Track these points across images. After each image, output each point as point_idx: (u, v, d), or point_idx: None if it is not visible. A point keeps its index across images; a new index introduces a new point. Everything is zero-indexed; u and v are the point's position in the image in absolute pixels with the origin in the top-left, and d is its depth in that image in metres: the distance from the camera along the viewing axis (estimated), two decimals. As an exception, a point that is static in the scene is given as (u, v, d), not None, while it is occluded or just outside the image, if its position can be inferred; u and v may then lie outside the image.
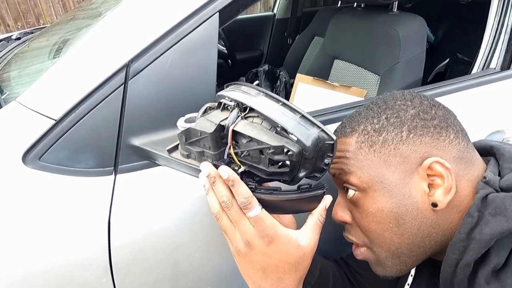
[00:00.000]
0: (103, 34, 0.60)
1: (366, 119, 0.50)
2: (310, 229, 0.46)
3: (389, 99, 0.51)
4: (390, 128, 0.47)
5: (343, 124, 0.53)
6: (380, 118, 0.48)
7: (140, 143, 0.56)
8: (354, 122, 0.51)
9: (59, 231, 0.52)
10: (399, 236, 0.46)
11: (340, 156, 0.50)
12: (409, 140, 0.46)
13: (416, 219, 0.45)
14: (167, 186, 0.57)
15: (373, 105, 0.51)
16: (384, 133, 0.47)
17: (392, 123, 0.47)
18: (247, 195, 0.43)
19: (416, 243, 0.46)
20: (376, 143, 0.47)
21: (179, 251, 0.59)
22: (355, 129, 0.50)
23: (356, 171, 0.48)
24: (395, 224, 0.46)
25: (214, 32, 0.59)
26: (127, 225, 0.55)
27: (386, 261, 0.49)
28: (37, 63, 0.78)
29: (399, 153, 0.46)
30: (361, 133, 0.49)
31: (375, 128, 0.48)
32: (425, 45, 1.17)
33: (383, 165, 0.46)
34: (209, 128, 0.46)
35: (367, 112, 0.51)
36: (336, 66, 1.39)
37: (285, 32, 2.17)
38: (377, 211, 0.46)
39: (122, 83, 0.55)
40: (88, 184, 0.54)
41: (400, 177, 0.46)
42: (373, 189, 0.47)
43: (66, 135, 0.53)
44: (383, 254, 0.48)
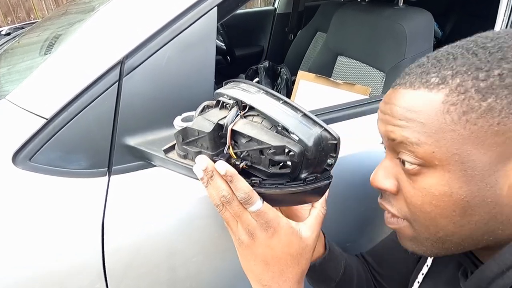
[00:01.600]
0: (97, 30, 0.60)
1: (468, 69, 0.35)
2: (312, 221, 0.47)
3: (506, 44, 0.35)
4: (503, 93, 0.34)
5: (426, 67, 0.38)
6: (490, 74, 0.34)
7: (135, 143, 0.56)
8: (445, 68, 0.37)
9: (50, 235, 0.52)
10: (458, 227, 0.38)
11: (411, 118, 0.37)
12: None
13: (490, 213, 0.36)
14: (163, 188, 0.57)
15: (481, 49, 0.36)
16: (491, 99, 0.34)
17: (507, 85, 0.34)
18: (247, 190, 0.43)
19: (474, 236, 0.38)
20: (474, 110, 0.34)
21: (176, 255, 0.59)
22: (446, 81, 0.36)
23: (430, 143, 0.36)
24: (460, 213, 0.37)
25: (212, 27, 0.59)
26: (122, 228, 0.55)
27: (425, 242, 0.41)
28: (27, 59, 0.78)
29: (503, 131, 0.34)
30: (454, 90, 0.35)
31: (478, 88, 0.34)
32: (432, 41, 1.17)
33: (474, 142, 0.35)
34: (207, 128, 0.46)
35: (469, 57, 0.36)
36: (340, 62, 1.39)
37: (286, 27, 2.17)
38: (441, 195, 0.37)
39: (116, 81, 0.55)
40: (80, 185, 0.54)
41: (492, 161, 0.35)
42: (447, 169, 0.36)
43: (58, 135, 0.53)
44: (425, 234, 0.41)
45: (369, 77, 1.25)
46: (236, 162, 0.45)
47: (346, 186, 0.68)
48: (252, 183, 0.44)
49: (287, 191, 0.45)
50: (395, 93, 0.41)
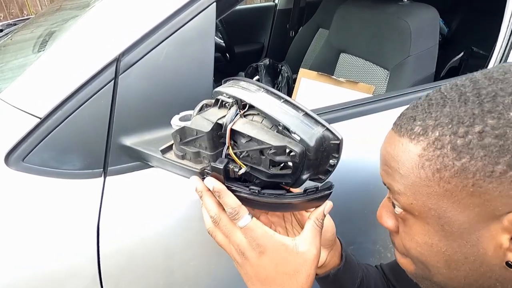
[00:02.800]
0: (92, 26, 0.60)
1: (450, 122, 0.34)
2: (308, 235, 0.46)
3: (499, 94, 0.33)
4: (479, 153, 0.32)
5: (414, 114, 0.38)
6: (470, 130, 0.32)
7: (132, 143, 0.56)
8: (430, 117, 0.36)
9: (44, 238, 0.52)
10: (447, 278, 0.38)
11: (392, 166, 0.38)
12: (504, 179, 0.31)
13: (477, 271, 0.36)
14: (161, 189, 0.57)
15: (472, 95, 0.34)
16: (466, 158, 0.32)
17: (485, 146, 0.32)
18: (234, 205, 0.44)
19: None
20: (447, 169, 0.34)
21: (173, 258, 0.59)
22: (427, 132, 0.35)
23: (408, 194, 0.37)
24: (444, 266, 0.37)
25: (211, 24, 0.59)
26: (118, 230, 0.55)
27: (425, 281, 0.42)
28: (20, 57, 0.78)
29: (479, 192, 0.33)
30: (431, 144, 0.35)
31: (455, 145, 0.33)
32: (437, 38, 1.17)
33: (448, 200, 0.34)
34: (206, 127, 0.46)
35: (457, 106, 0.34)
36: (342, 60, 1.39)
37: (287, 23, 2.18)
38: (423, 244, 0.38)
39: (112, 79, 0.55)
40: (75, 187, 0.54)
41: (470, 221, 0.34)
42: (426, 221, 0.37)
43: (51, 135, 0.53)
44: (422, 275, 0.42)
45: (372, 75, 1.25)
46: (235, 169, 0.45)
47: (349, 187, 0.68)
48: (250, 192, 0.45)
49: (286, 201, 0.45)
50: (389, 134, 0.41)
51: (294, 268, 0.45)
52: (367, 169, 0.70)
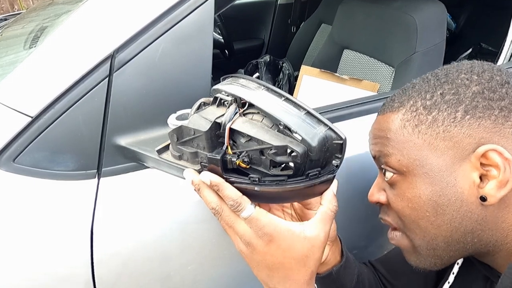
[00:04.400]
0: (85, 21, 0.60)
1: (418, 94, 0.48)
2: (318, 220, 0.47)
3: (452, 71, 0.48)
4: (443, 106, 0.45)
5: (392, 97, 0.52)
6: (434, 94, 0.47)
7: (127, 143, 0.56)
8: (404, 95, 0.50)
9: (35, 241, 0.52)
10: (435, 227, 0.46)
11: (381, 136, 0.50)
12: (464, 122, 0.44)
13: (459, 211, 0.44)
14: (157, 191, 0.57)
15: (432, 77, 0.49)
16: (435, 112, 0.45)
17: (447, 101, 0.45)
18: (235, 197, 0.44)
19: (455, 237, 0.46)
20: (423, 123, 0.46)
21: (170, 263, 0.59)
22: (404, 104, 0.49)
23: (396, 153, 0.48)
24: (433, 213, 0.45)
25: (209, 19, 0.60)
26: (112, 234, 0.55)
27: (420, 251, 0.49)
28: (11, 53, 0.78)
29: (449, 136, 0.44)
30: (408, 110, 0.48)
31: (425, 105, 0.46)
32: (445, 34, 1.17)
33: (427, 148, 0.45)
34: (204, 126, 0.46)
35: (422, 84, 0.49)
36: (346, 57, 1.39)
37: (289, 19, 2.18)
38: (413, 197, 0.46)
39: (106, 76, 0.55)
40: (68, 188, 0.54)
41: (447, 163, 0.44)
42: (413, 173, 0.46)
43: (43, 134, 0.53)
44: (417, 241, 0.49)
45: (377, 72, 1.25)
46: (232, 158, 0.45)
47: (353, 188, 0.68)
48: (251, 181, 0.44)
49: (288, 188, 0.45)
50: (375, 120, 0.54)
51: (302, 253, 0.46)
52: (370, 170, 0.70)
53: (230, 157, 0.45)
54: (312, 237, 0.46)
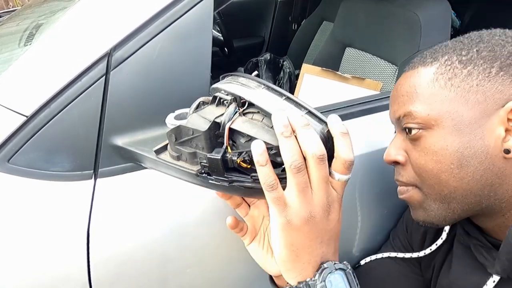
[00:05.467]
0: (81, 18, 0.60)
1: (453, 50, 0.50)
2: None
3: (485, 34, 0.51)
4: (479, 62, 0.48)
5: (424, 54, 0.54)
6: (470, 50, 0.49)
7: (124, 143, 0.56)
8: (438, 52, 0.52)
9: (30, 243, 0.52)
10: (457, 180, 0.48)
11: (410, 92, 0.52)
12: (498, 78, 0.47)
13: (483, 164, 0.47)
14: (155, 192, 0.57)
15: (465, 38, 0.52)
16: (470, 66, 0.48)
17: (483, 57, 0.48)
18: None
19: (474, 190, 0.48)
20: (457, 76, 0.48)
21: (168, 265, 0.59)
22: (437, 59, 0.51)
23: (425, 107, 0.50)
24: (457, 165, 0.48)
25: (209, 16, 0.60)
26: (109, 236, 0.55)
27: (433, 204, 0.52)
28: (5, 51, 0.78)
29: (482, 90, 0.47)
30: (442, 64, 0.50)
31: (461, 60, 0.49)
32: (449, 31, 1.17)
33: (459, 101, 0.48)
34: (203, 126, 0.46)
35: (456, 44, 0.51)
36: (348, 55, 1.39)
37: (290, 16, 2.18)
38: (440, 149, 0.49)
39: (103, 74, 0.55)
40: (64, 189, 0.54)
41: (476, 116, 0.47)
42: (442, 126, 0.49)
43: (39, 134, 0.53)
44: (432, 196, 0.51)
45: (380, 71, 1.25)
46: (233, 157, 0.45)
47: (354, 188, 0.68)
48: (253, 180, 0.44)
49: None
50: (401, 77, 0.56)
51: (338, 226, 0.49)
52: (374, 170, 0.70)
53: (230, 156, 0.45)
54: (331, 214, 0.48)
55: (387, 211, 0.73)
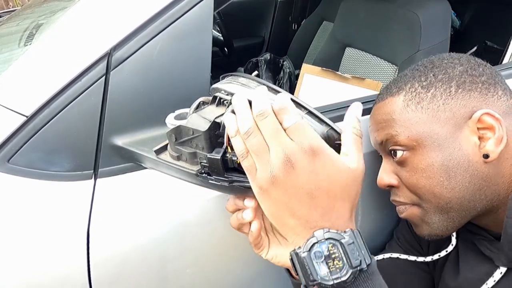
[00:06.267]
0: (81, 18, 0.60)
1: (413, 78, 0.56)
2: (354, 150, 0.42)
3: (435, 60, 0.58)
4: (438, 84, 0.54)
5: (389, 85, 0.60)
6: (428, 76, 0.55)
7: (124, 143, 0.56)
8: (400, 82, 0.58)
9: (30, 243, 0.52)
10: (449, 191, 0.52)
11: (386, 119, 0.56)
12: (458, 95, 0.53)
13: (468, 171, 0.51)
14: (155, 192, 0.57)
15: (419, 66, 0.58)
16: (432, 89, 0.54)
17: (440, 79, 0.54)
18: (286, 100, 0.40)
19: (466, 197, 0.52)
20: (424, 100, 0.54)
21: (168, 266, 0.59)
22: (402, 88, 0.56)
23: (404, 130, 0.54)
24: (446, 177, 0.52)
25: (208, 16, 0.60)
26: (109, 236, 0.55)
27: (434, 217, 0.55)
28: (5, 51, 0.78)
29: (449, 108, 0.53)
30: (408, 91, 0.56)
31: (422, 85, 0.55)
32: (449, 31, 1.17)
33: (431, 120, 0.53)
34: (203, 126, 0.46)
35: (413, 72, 0.58)
36: (348, 55, 1.39)
37: (290, 16, 2.18)
38: (427, 167, 0.53)
39: (103, 74, 0.55)
40: (64, 189, 0.54)
41: (450, 131, 0.52)
42: (423, 145, 0.53)
43: (39, 134, 0.53)
44: (431, 209, 0.54)
45: (380, 71, 1.26)
46: (233, 157, 0.45)
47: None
48: None
49: None
50: (374, 109, 0.61)
51: (346, 182, 0.41)
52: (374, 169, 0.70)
53: (230, 156, 0.45)
54: (355, 169, 0.41)
55: (387, 210, 0.73)
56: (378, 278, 0.41)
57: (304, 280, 0.40)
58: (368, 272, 0.39)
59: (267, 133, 0.40)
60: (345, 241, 0.39)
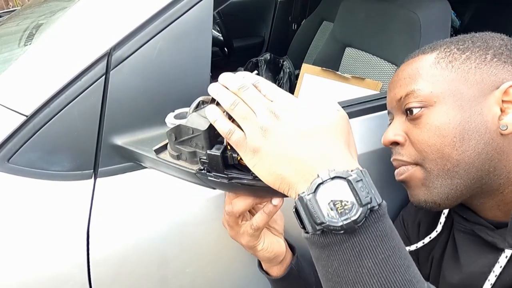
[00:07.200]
0: (81, 18, 0.60)
1: (451, 42, 0.57)
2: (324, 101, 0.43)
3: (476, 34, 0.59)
4: (475, 50, 0.55)
5: (423, 47, 0.61)
6: (466, 41, 0.56)
7: (124, 143, 0.56)
8: (436, 44, 0.59)
9: (30, 243, 0.52)
10: (460, 153, 0.51)
11: (412, 74, 0.57)
12: (492, 63, 0.53)
13: (483, 137, 0.51)
14: (155, 192, 0.57)
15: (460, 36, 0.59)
16: (468, 52, 0.55)
17: (478, 46, 0.55)
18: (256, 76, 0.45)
19: (475, 164, 0.51)
20: (457, 60, 0.55)
21: (168, 265, 0.59)
22: (436, 48, 0.57)
23: (428, 85, 0.55)
24: (460, 138, 0.51)
25: (208, 16, 0.60)
26: (109, 235, 0.55)
27: (436, 180, 0.54)
28: (5, 51, 0.78)
29: (479, 72, 0.53)
30: (442, 51, 0.56)
31: (459, 48, 0.56)
32: (449, 31, 1.17)
33: (459, 80, 0.53)
34: (202, 125, 0.46)
35: (452, 39, 0.59)
36: (348, 55, 1.39)
37: (290, 16, 2.18)
38: (442, 124, 0.52)
39: (103, 74, 0.55)
40: (64, 189, 0.54)
41: (475, 94, 0.52)
42: (443, 102, 0.53)
43: (39, 134, 0.53)
44: (435, 171, 0.53)
45: (380, 71, 1.26)
46: (233, 154, 0.45)
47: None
48: (253, 177, 0.44)
49: None
50: (401, 66, 0.62)
51: (332, 120, 0.40)
52: (372, 169, 0.70)
53: (230, 153, 0.45)
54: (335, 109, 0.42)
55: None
56: (389, 221, 0.38)
57: (310, 226, 0.37)
58: (379, 213, 0.37)
59: (250, 99, 0.42)
60: (352, 178, 0.36)
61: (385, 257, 0.36)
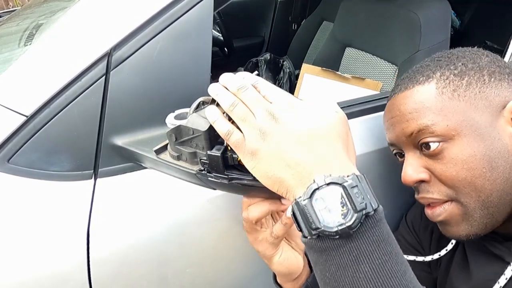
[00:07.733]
0: (81, 18, 0.60)
1: (441, 67, 0.55)
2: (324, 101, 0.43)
3: (454, 52, 0.57)
4: (470, 73, 0.53)
5: (410, 76, 0.57)
6: (457, 65, 0.54)
7: (124, 143, 0.56)
8: (425, 71, 0.55)
9: (30, 243, 0.52)
10: (491, 182, 0.50)
11: (418, 108, 0.54)
12: (491, 83, 0.52)
13: (508, 161, 0.51)
14: (155, 192, 0.57)
15: (440, 57, 0.57)
16: (466, 77, 0.53)
17: (471, 68, 0.53)
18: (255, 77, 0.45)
19: (506, 190, 0.51)
20: (459, 87, 0.53)
21: (168, 265, 0.59)
22: (431, 76, 0.54)
23: (442, 119, 0.52)
24: (489, 168, 0.50)
25: (208, 16, 0.60)
26: (109, 235, 0.55)
27: (474, 214, 0.52)
28: (5, 51, 0.78)
29: (485, 96, 0.52)
30: (439, 79, 0.54)
31: (454, 73, 0.53)
32: (449, 31, 1.17)
33: (470, 109, 0.52)
34: (203, 126, 0.46)
35: (437, 62, 0.56)
36: (348, 55, 1.39)
37: (290, 16, 2.18)
38: (469, 157, 0.51)
39: (103, 74, 0.55)
40: (64, 189, 0.54)
41: (488, 120, 0.51)
42: (463, 134, 0.51)
43: (39, 134, 0.53)
44: (471, 204, 0.52)
45: (380, 71, 1.26)
46: (233, 155, 0.45)
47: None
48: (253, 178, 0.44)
49: None
50: (395, 99, 0.58)
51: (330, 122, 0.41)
52: (373, 170, 0.70)
53: (230, 153, 0.45)
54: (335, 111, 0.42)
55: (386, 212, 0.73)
56: (386, 226, 0.38)
57: (306, 231, 0.37)
58: (376, 218, 0.37)
59: (249, 101, 0.42)
60: (347, 184, 0.36)
61: (382, 262, 0.36)
